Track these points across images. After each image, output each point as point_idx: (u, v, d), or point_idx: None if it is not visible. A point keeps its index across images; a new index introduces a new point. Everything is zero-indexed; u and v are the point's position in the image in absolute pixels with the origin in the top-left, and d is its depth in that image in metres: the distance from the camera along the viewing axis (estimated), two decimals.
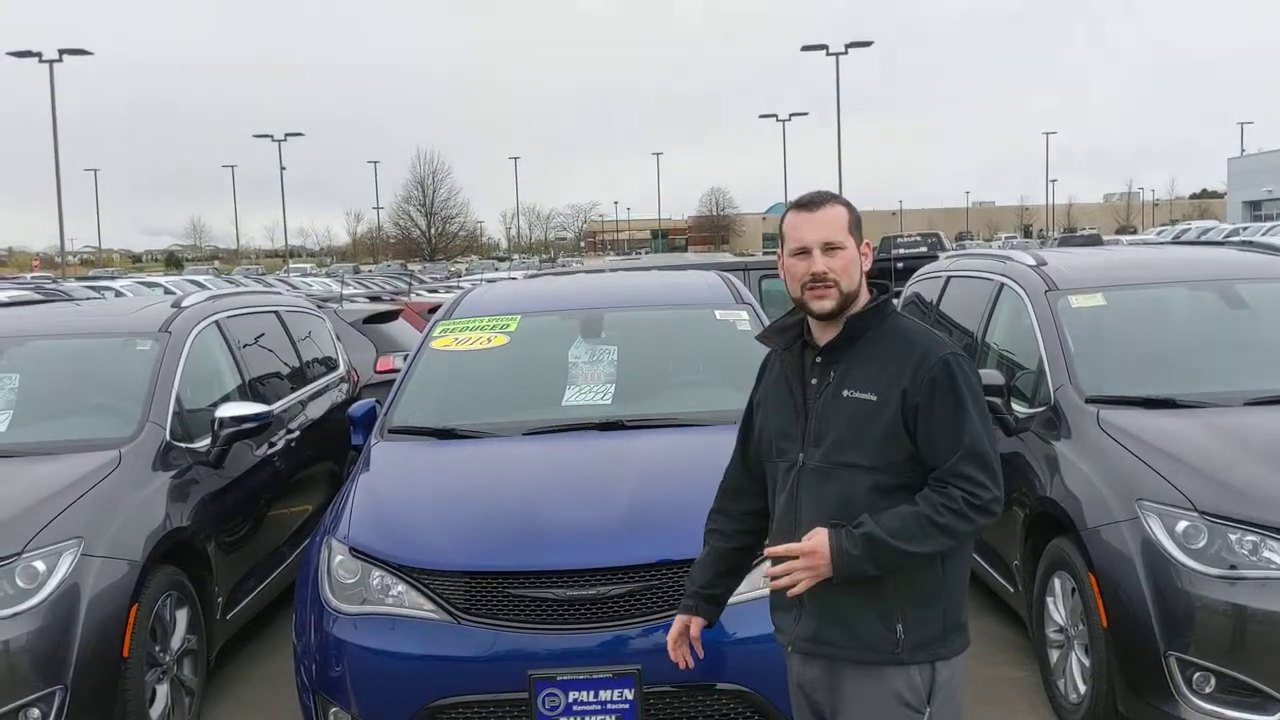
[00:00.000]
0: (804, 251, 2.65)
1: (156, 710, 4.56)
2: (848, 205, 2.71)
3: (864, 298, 2.70)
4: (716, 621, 2.97)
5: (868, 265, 2.71)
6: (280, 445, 6.20)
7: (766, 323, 5.57)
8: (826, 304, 2.63)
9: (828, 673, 2.68)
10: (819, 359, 2.70)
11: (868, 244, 2.72)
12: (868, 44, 46.94)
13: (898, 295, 7.33)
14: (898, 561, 2.52)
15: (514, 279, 10.84)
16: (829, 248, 2.63)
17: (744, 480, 2.93)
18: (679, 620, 2.95)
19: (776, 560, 2.62)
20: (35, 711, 4.12)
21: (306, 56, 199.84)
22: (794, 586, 2.57)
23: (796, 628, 2.70)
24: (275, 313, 7.30)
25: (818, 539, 2.55)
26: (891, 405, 2.57)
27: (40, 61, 40.24)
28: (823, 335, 2.70)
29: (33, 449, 5.01)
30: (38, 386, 5.57)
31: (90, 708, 4.21)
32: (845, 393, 2.62)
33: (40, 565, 4.21)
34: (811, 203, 2.70)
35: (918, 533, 2.50)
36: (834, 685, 2.67)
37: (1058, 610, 4.74)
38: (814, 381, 2.70)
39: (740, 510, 2.94)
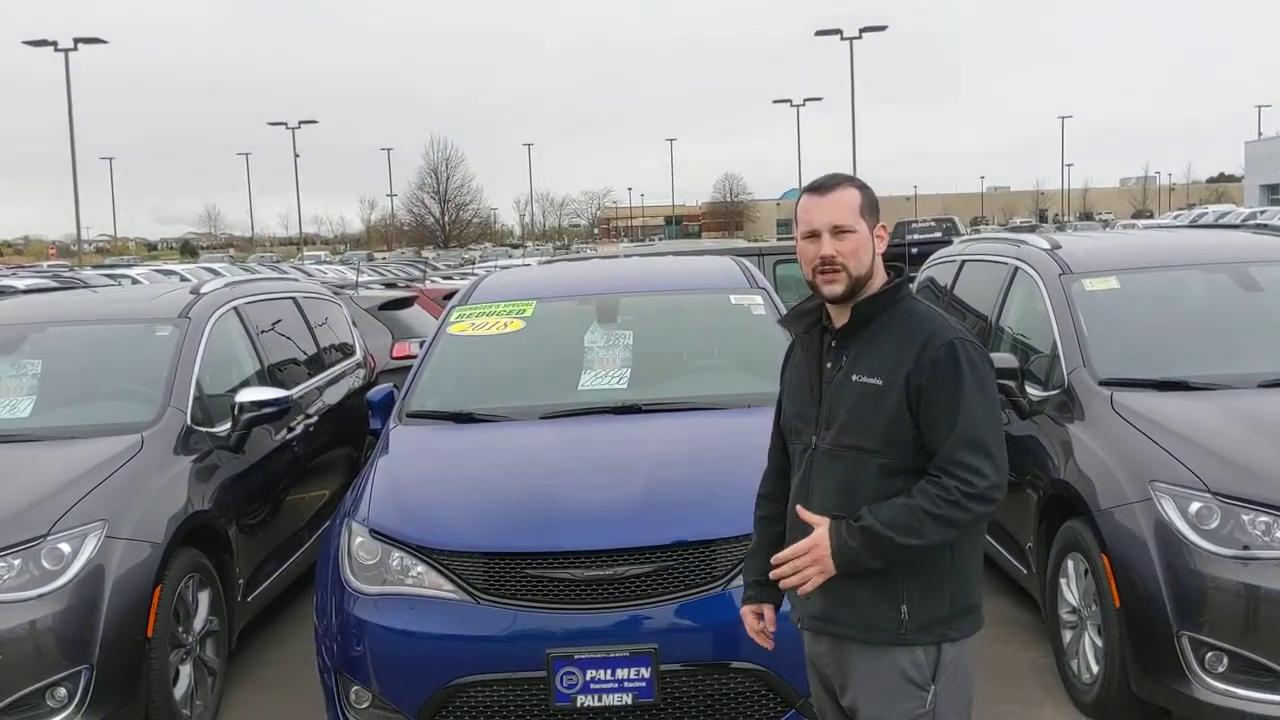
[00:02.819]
0: (814, 235, 2.66)
1: (180, 690, 4.63)
2: (861, 187, 2.69)
3: (879, 280, 2.70)
4: (783, 601, 2.93)
5: (882, 248, 2.70)
6: (299, 430, 6.26)
7: (781, 307, 5.62)
8: (836, 288, 2.64)
9: (835, 649, 2.71)
10: (834, 343, 2.72)
11: (883, 227, 2.71)
12: (882, 28, 46.77)
13: (913, 279, 7.33)
14: (899, 554, 2.52)
15: (527, 265, 10.88)
16: (838, 231, 2.63)
17: (785, 460, 2.91)
18: (749, 611, 2.95)
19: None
20: (62, 690, 4.19)
21: (321, 42, 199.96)
22: (804, 585, 2.59)
23: (806, 605, 2.73)
24: (293, 299, 7.36)
25: (818, 533, 2.58)
26: (896, 389, 2.57)
27: (56, 50, 40.39)
28: (838, 319, 2.72)
29: (56, 433, 5.08)
30: (60, 372, 5.63)
31: (115, 687, 4.28)
32: (854, 377, 2.64)
33: (65, 547, 4.28)
34: (823, 186, 2.69)
35: (914, 526, 2.50)
36: (841, 661, 2.70)
37: (1071, 591, 4.76)
38: (829, 365, 2.71)
39: (784, 490, 2.90)
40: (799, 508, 2.68)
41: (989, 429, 2.56)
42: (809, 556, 2.57)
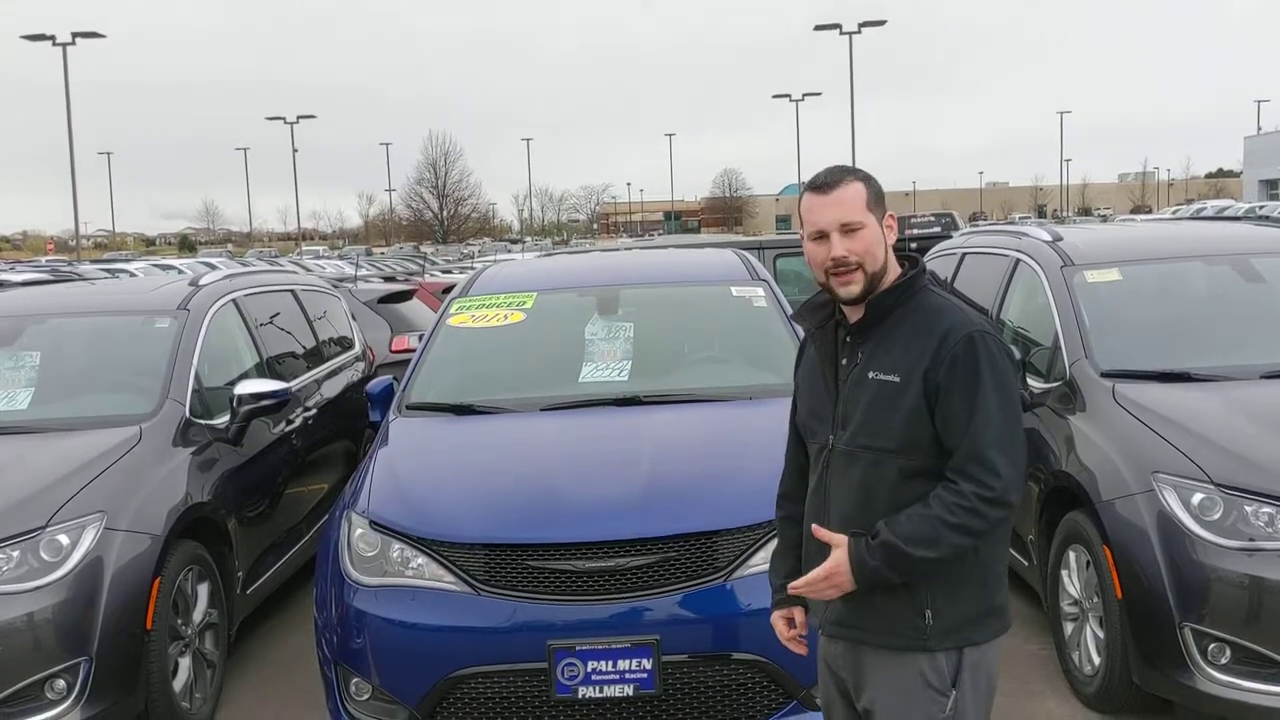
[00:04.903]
0: (821, 236, 2.53)
1: (179, 682, 4.62)
2: (866, 179, 2.58)
3: (892, 273, 2.58)
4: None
5: (893, 239, 2.59)
6: (298, 423, 6.24)
7: (782, 299, 5.60)
8: (853, 288, 2.52)
9: (852, 651, 2.63)
10: (848, 339, 2.61)
11: (891, 216, 2.59)
12: (881, 23, 46.79)
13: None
14: (920, 568, 2.44)
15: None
16: (847, 229, 2.50)
17: (803, 458, 2.80)
18: (779, 617, 2.85)
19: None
20: (61, 682, 4.17)
21: (319, 37, 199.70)
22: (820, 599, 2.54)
23: (826, 610, 2.65)
24: (291, 292, 7.34)
25: (837, 556, 2.48)
26: (914, 386, 2.47)
27: (54, 45, 40.33)
28: (852, 314, 2.61)
29: (55, 425, 5.06)
30: (58, 364, 5.62)
31: (114, 679, 4.26)
32: (870, 374, 2.53)
33: (64, 539, 4.26)
34: (825, 184, 2.55)
35: (933, 537, 2.41)
36: (858, 664, 2.63)
37: (1072, 583, 4.75)
38: (844, 362, 2.61)
39: (804, 489, 2.80)
40: (815, 527, 2.58)
41: (1006, 428, 2.46)
42: (827, 582, 2.49)
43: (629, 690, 3.76)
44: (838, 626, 2.64)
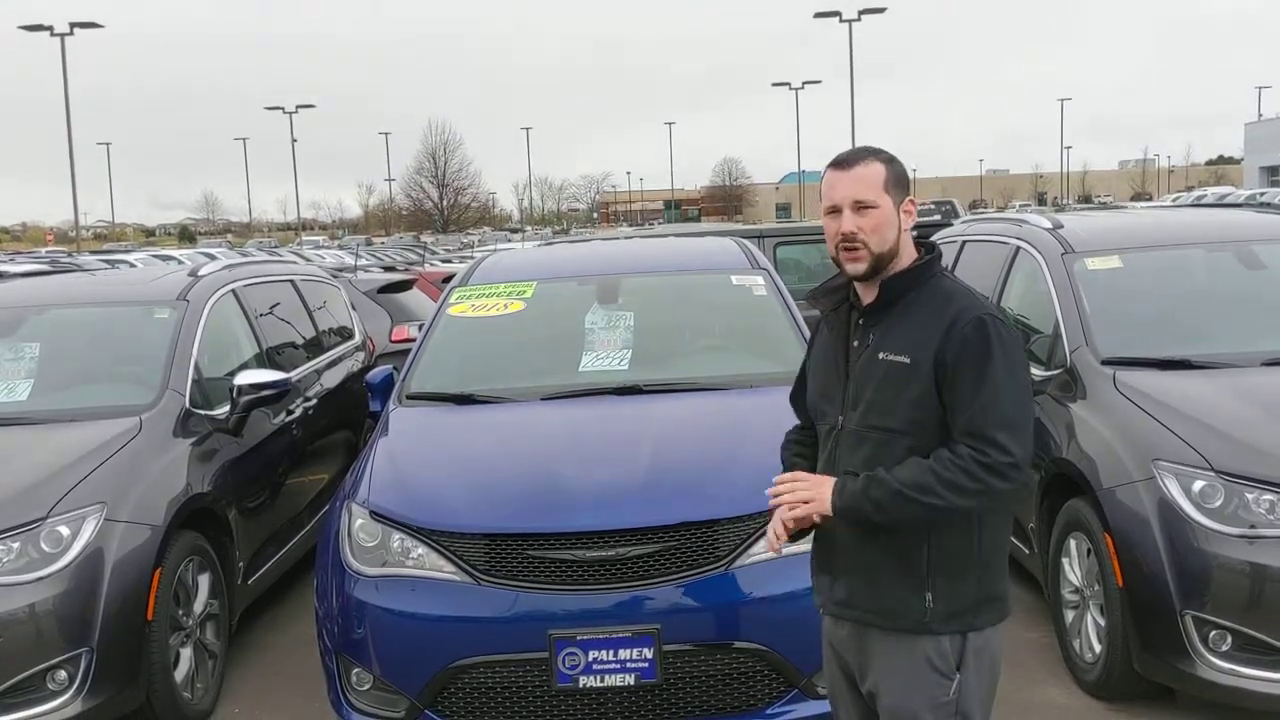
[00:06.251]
0: (835, 210, 2.60)
1: (180, 673, 4.62)
2: (887, 161, 2.62)
3: (907, 257, 2.62)
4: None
5: (910, 224, 2.63)
6: (298, 413, 6.24)
7: (782, 288, 5.60)
8: (859, 265, 2.58)
9: (857, 635, 2.66)
10: (861, 321, 2.65)
11: (911, 201, 2.63)
12: (881, 10, 46.67)
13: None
14: (899, 509, 2.46)
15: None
16: (860, 206, 2.56)
17: (810, 422, 2.86)
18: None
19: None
20: (62, 674, 4.18)
21: (318, 27, 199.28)
22: (793, 511, 2.57)
23: (831, 592, 2.68)
24: (291, 282, 7.33)
25: (826, 476, 2.59)
26: (924, 368, 2.50)
27: (52, 35, 40.32)
28: (866, 296, 2.65)
29: (54, 416, 5.05)
30: (58, 355, 5.60)
31: (116, 670, 4.27)
32: (881, 355, 2.57)
33: (65, 530, 4.26)
34: (846, 161, 2.62)
35: (923, 483, 2.43)
36: (863, 647, 2.65)
37: (1073, 571, 4.75)
38: (855, 344, 2.65)
39: (811, 437, 2.85)
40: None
41: (1014, 407, 2.47)
42: (809, 482, 2.59)
43: (630, 679, 3.76)
44: (839, 607, 2.68)
